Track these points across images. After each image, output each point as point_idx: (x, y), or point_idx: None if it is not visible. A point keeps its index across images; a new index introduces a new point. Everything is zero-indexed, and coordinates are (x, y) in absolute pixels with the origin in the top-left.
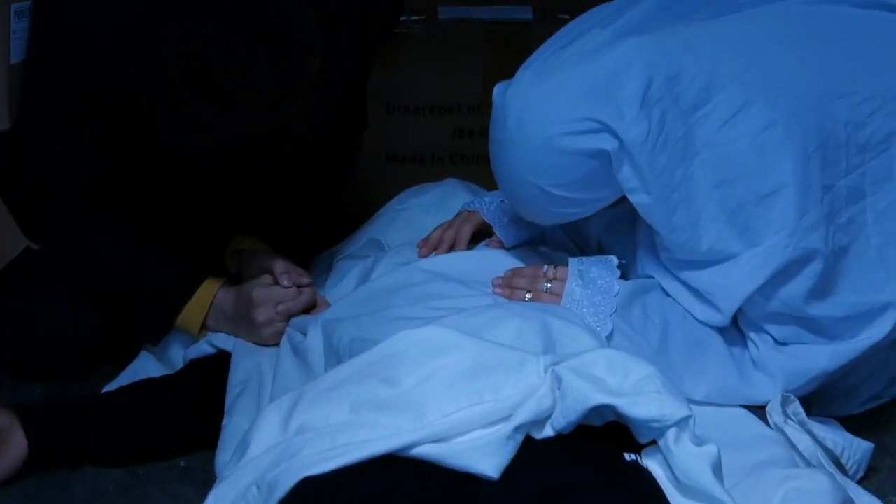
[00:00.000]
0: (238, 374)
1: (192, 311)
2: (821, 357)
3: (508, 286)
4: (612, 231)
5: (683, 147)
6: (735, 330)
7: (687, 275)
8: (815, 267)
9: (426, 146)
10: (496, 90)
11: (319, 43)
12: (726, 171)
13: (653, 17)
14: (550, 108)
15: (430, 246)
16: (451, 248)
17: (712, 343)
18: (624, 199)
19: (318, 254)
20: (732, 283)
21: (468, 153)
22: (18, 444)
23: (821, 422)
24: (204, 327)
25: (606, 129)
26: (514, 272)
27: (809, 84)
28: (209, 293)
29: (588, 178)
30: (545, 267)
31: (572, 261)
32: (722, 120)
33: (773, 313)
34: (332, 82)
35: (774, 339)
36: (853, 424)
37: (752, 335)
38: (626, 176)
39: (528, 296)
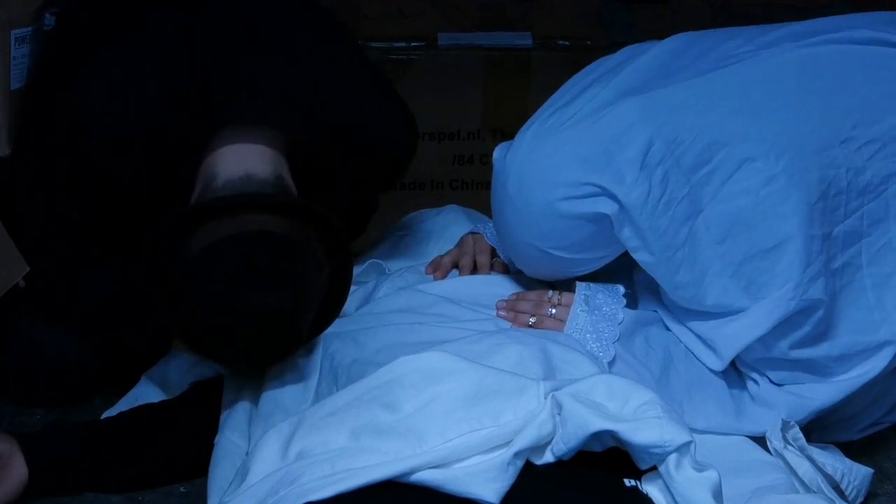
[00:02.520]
0: (231, 390)
1: None
2: (819, 393)
3: (513, 310)
4: (612, 268)
5: (687, 207)
6: (732, 369)
7: (690, 323)
8: (817, 316)
9: (426, 172)
10: (496, 152)
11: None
12: (730, 227)
13: (652, 73)
14: (550, 172)
15: (444, 273)
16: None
17: (712, 380)
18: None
19: None
20: (734, 334)
21: (468, 179)
22: (19, 471)
23: (821, 447)
24: None
25: (606, 193)
26: (519, 296)
27: (810, 134)
28: None
29: (589, 239)
30: (550, 292)
31: (579, 285)
32: (724, 177)
33: (771, 358)
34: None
35: (771, 381)
36: (853, 450)
37: (753, 374)
38: (628, 237)
39: (531, 320)
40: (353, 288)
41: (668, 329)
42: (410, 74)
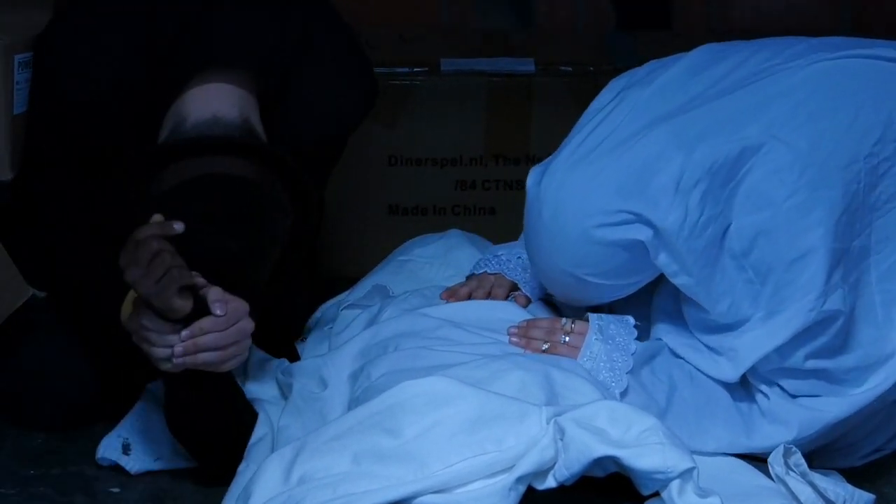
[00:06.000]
0: (261, 426)
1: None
2: (832, 405)
3: (525, 336)
4: (628, 297)
5: (721, 223)
6: (740, 386)
7: (708, 337)
8: (836, 327)
9: (428, 198)
10: (530, 179)
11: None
12: (755, 239)
13: (679, 93)
14: (585, 200)
15: (457, 299)
16: None
17: (720, 400)
18: None
19: (323, 303)
20: (753, 343)
21: (470, 205)
22: None
23: (822, 473)
24: None
25: (641, 219)
26: (531, 323)
27: (836, 149)
28: None
29: (624, 265)
30: (563, 320)
31: (592, 316)
32: (750, 188)
33: (788, 369)
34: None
35: (786, 391)
36: (854, 476)
37: (763, 387)
38: (665, 262)
39: (545, 346)
40: (357, 311)
41: (673, 355)
42: (413, 100)
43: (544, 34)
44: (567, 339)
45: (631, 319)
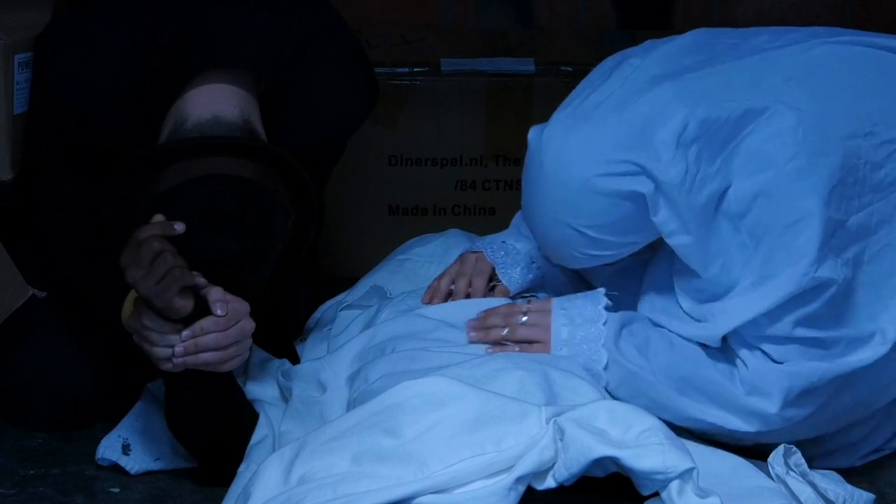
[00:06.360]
0: (262, 427)
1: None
2: (815, 369)
3: (483, 327)
4: (617, 280)
5: (720, 182)
6: (722, 355)
7: (698, 307)
8: (828, 295)
9: (428, 198)
10: (531, 133)
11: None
12: (753, 200)
13: (683, 58)
14: (588, 149)
15: (441, 297)
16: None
17: (700, 368)
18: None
19: (321, 304)
20: (743, 306)
21: (470, 205)
22: None
23: (822, 473)
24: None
25: (644, 171)
26: (488, 312)
27: (838, 119)
28: None
29: (624, 220)
30: (518, 300)
31: (554, 301)
32: (752, 149)
33: (774, 335)
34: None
35: (768, 356)
36: (854, 476)
37: (743, 352)
38: (665, 219)
39: (504, 331)
40: (356, 312)
41: (652, 324)
42: (413, 100)
43: (544, 34)
44: (525, 318)
45: (601, 291)
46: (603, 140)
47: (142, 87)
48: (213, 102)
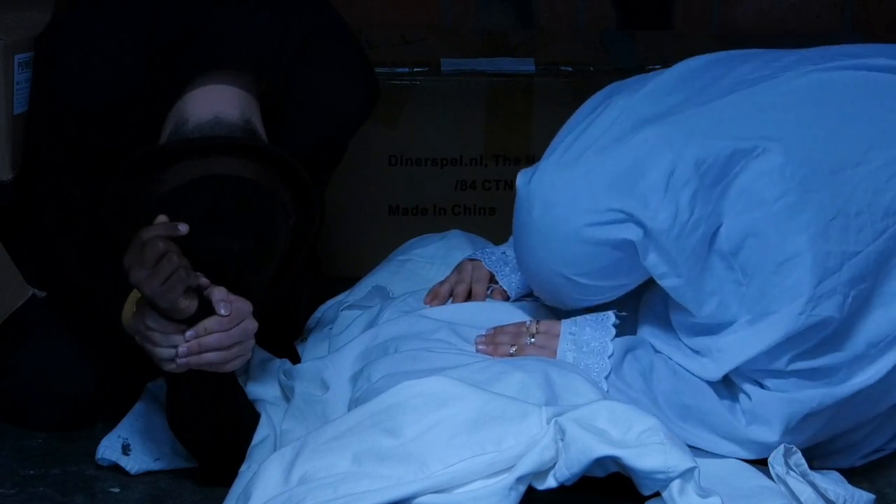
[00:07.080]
0: (263, 427)
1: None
2: (816, 396)
3: (492, 343)
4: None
5: (712, 223)
6: (724, 386)
7: (695, 339)
8: (825, 333)
9: (428, 198)
10: (519, 179)
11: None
12: (744, 239)
13: (669, 97)
14: (575, 198)
15: (441, 301)
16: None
17: (703, 397)
18: None
19: (322, 304)
20: (740, 346)
21: (470, 205)
22: None
23: (822, 473)
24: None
25: (631, 218)
26: (497, 329)
27: (825, 154)
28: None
29: (613, 266)
30: (528, 320)
31: (565, 323)
32: (742, 187)
33: (775, 369)
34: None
35: (770, 388)
36: (854, 476)
37: (746, 386)
38: (654, 262)
39: (512, 349)
40: (357, 312)
41: (655, 351)
42: (413, 100)
43: (544, 34)
44: (533, 339)
45: (611, 316)
46: (589, 188)
47: (142, 88)
48: (214, 103)
